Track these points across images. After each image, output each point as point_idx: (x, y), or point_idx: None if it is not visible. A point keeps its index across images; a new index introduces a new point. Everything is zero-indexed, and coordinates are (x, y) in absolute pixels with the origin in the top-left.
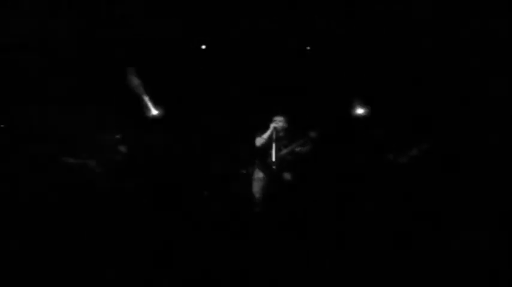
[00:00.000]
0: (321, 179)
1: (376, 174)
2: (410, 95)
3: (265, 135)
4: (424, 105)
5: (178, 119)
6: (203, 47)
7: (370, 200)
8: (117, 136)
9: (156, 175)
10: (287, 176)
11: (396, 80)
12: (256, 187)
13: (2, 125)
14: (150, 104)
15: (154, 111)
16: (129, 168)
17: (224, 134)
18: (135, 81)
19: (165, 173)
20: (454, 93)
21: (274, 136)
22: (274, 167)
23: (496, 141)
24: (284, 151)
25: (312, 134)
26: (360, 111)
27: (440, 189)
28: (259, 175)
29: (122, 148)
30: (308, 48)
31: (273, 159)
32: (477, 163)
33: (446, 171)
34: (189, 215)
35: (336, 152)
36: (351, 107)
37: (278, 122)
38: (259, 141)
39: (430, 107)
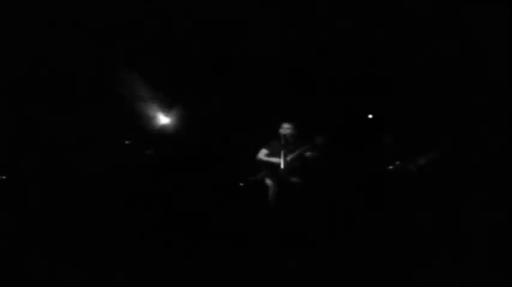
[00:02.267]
0: (329, 185)
1: (384, 181)
2: (420, 102)
3: (269, 160)
4: (434, 113)
5: (188, 126)
6: None
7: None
8: (127, 142)
9: (165, 182)
10: (295, 179)
11: (406, 86)
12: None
13: None
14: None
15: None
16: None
17: (234, 141)
18: None
19: (173, 180)
20: (464, 101)
21: (283, 142)
22: (282, 173)
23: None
24: (291, 157)
25: (319, 139)
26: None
27: (447, 198)
28: (267, 182)
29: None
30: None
31: (282, 166)
32: (485, 170)
33: (454, 179)
34: (196, 223)
35: (344, 158)
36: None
37: (286, 129)
38: (262, 157)
39: (440, 114)
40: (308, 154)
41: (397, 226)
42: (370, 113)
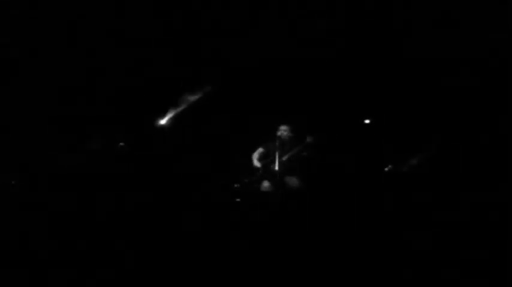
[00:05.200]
0: (323, 185)
1: (376, 182)
2: (410, 104)
3: (259, 164)
4: (424, 114)
5: (180, 129)
6: None
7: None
8: (121, 144)
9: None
10: (293, 181)
11: (397, 88)
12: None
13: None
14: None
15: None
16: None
17: (228, 144)
18: None
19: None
20: (454, 102)
21: (278, 145)
22: (277, 175)
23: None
24: (284, 158)
25: (309, 139)
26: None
27: (440, 198)
28: (264, 184)
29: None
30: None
31: (276, 167)
32: (476, 170)
33: (446, 179)
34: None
35: (337, 159)
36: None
37: (283, 132)
38: (256, 159)
39: (430, 115)
40: (300, 153)
41: (394, 226)
42: (366, 117)
